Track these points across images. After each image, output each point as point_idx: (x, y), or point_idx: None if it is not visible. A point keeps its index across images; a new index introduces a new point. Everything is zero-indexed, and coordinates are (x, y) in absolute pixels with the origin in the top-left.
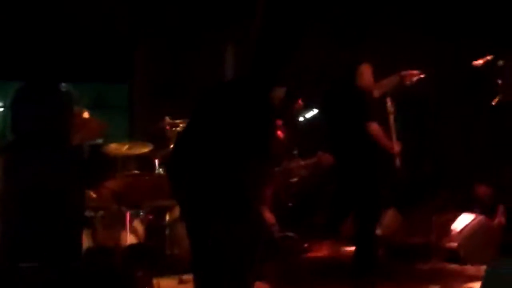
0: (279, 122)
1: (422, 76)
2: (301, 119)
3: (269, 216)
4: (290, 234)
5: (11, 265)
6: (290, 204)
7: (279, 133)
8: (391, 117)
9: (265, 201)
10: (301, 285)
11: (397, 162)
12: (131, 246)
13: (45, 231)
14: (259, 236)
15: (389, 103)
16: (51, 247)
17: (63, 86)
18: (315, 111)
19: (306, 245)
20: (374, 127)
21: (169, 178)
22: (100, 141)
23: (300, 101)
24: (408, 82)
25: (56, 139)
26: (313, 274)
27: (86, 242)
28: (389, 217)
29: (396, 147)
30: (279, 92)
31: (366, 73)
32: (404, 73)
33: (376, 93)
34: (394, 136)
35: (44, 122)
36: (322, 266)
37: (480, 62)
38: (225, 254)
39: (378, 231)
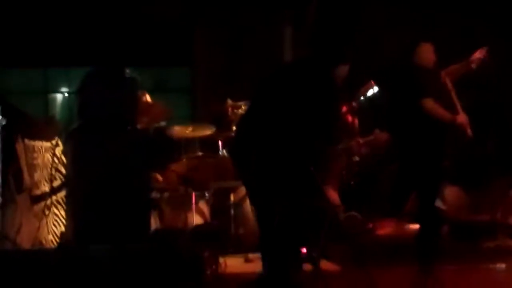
0: (350, 106)
1: (486, 55)
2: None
3: (334, 196)
4: (355, 214)
5: (81, 247)
6: (352, 183)
7: (349, 116)
8: (453, 93)
9: (331, 181)
10: (367, 264)
11: (468, 132)
12: (197, 226)
13: (113, 213)
14: (323, 216)
15: (448, 80)
16: (120, 229)
17: (128, 71)
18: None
19: (371, 225)
20: (428, 103)
21: (233, 160)
22: (164, 124)
23: (372, 82)
24: (474, 65)
25: (123, 123)
26: (378, 253)
27: (153, 223)
28: (454, 194)
29: (462, 118)
30: (343, 71)
31: (426, 51)
32: (472, 58)
33: (448, 81)
34: (459, 109)
35: (112, 107)
36: (386, 245)
37: None
38: (291, 233)
39: (441, 206)
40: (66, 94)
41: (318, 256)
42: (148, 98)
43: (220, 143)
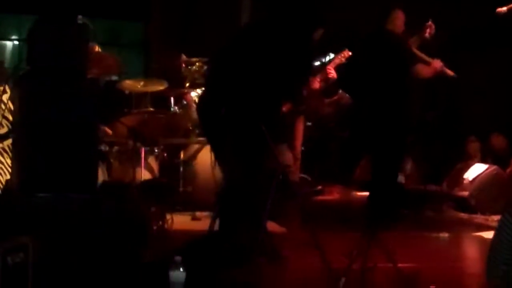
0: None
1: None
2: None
3: (288, 156)
4: (304, 176)
5: (26, 196)
6: (303, 148)
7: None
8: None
9: (287, 141)
10: (313, 226)
11: (449, 72)
12: (145, 181)
13: (60, 163)
14: (273, 176)
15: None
16: (66, 178)
17: (80, 19)
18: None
19: (319, 187)
20: (420, 69)
21: (200, 118)
22: (115, 77)
23: (347, 51)
24: (427, 35)
25: (72, 72)
26: (325, 217)
27: (101, 176)
28: (408, 165)
29: (438, 64)
30: (316, 34)
31: (398, 18)
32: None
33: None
34: (427, 58)
35: (61, 55)
36: (333, 210)
37: (503, 9)
38: (239, 191)
39: (401, 179)
40: (16, 42)
41: (265, 216)
42: (99, 49)
43: (172, 99)
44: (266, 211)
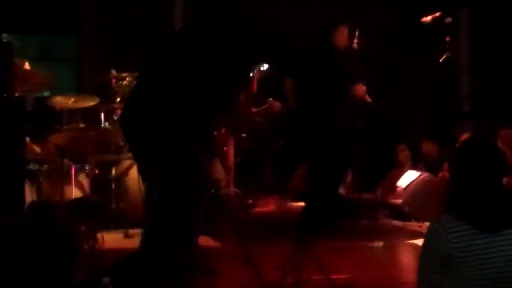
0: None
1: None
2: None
3: (220, 169)
4: (235, 189)
5: None
6: (238, 159)
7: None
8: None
9: (219, 153)
10: (247, 239)
11: (367, 99)
12: (75, 200)
13: None
14: (203, 190)
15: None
16: None
17: (3, 36)
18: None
19: (250, 201)
20: (360, 89)
21: (123, 131)
22: (47, 93)
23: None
24: (355, 45)
25: None
26: (259, 229)
27: (30, 196)
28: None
29: (361, 88)
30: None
31: (342, 34)
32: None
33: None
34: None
35: None
36: (268, 221)
37: (428, 19)
38: (169, 207)
39: (341, 190)
40: None
41: (196, 231)
42: (27, 66)
43: (102, 115)
44: (196, 226)
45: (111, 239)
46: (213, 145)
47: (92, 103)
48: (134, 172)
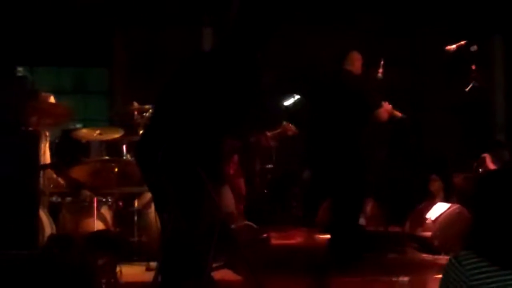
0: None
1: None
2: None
3: (230, 199)
4: (249, 223)
5: None
6: (265, 191)
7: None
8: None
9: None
10: (264, 274)
11: (398, 114)
12: (96, 233)
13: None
14: (213, 224)
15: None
16: (4, 234)
17: (20, 71)
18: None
19: (265, 234)
20: (381, 114)
21: (137, 163)
22: (79, 125)
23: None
24: (380, 75)
25: (10, 124)
26: (280, 263)
27: (49, 229)
28: (368, 206)
29: (388, 107)
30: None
31: (356, 59)
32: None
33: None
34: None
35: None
36: (293, 254)
37: (453, 47)
38: (180, 241)
39: (362, 221)
40: None
41: (210, 266)
42: (52, 99)
43: (124, 147)
44: (208, 261)
45: (133, 272)
46: (221, 172)
47: (116, 136)
48: None
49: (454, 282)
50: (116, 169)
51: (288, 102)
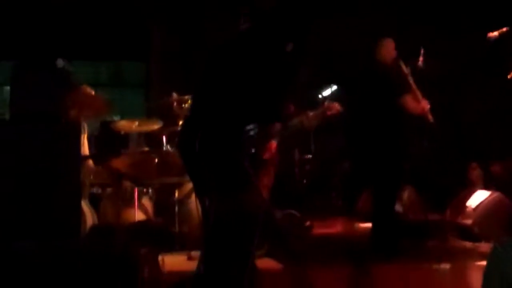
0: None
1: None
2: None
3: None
4: (292, 212)
5: (5, 244)
6: (304, 181)
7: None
8: (410, 79)
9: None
10: (306, 263)
11: (430, 118)
12: (137, 223)
13: (39, 209)
14: (258, 212)
15: (403, 66)
16: (46, 225)
17: (60, 63)
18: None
19: (308, 223)
20: (408, 100)
21: (179, 152)
22: (116, 118)
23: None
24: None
25: (51, 116)
26: (322, 251)
27: (91, 219)
28: (407, 194)
29: (425, 105)
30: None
31: (387, 47)
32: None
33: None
34: (419, 96)
35: (38, 101)
36: (334, 243)
37: (495, 34)
38: (224, 230)
39: (399, 208)
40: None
41: (253, 255)
42: (90, 90)
43: (164, 138)
44: (252, 249)
45: (175, 261)
46: (259, 155)
47: (155, 127)
48: None
49: (499, 269)
50: (156, 160)
51: (325, 93)
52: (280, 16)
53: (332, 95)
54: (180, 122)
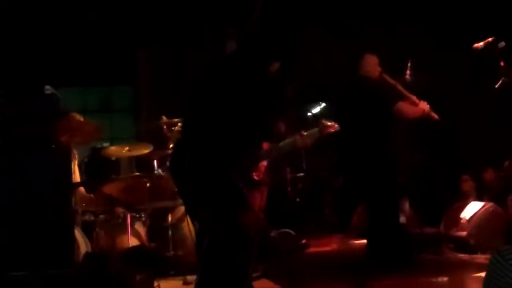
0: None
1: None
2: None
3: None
4: (287, 230)
5: (1, 274)
6: (297, 200)
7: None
8: (400, 87)
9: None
10: (303, 281)
11: (434, 116)
12: (131, 249)
13: (32, 238)
14: (254, 231)
15: (389, 78)
16: (40, 254)
17: (48, 89)
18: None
19: (304, 241)
20: (403, 106)
21: (171, 174)
22: (106, 144)
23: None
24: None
25: (42, 143)
26: (317, 270)
27: (85, 247)
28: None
29: (425, 106)
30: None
31: (370, 63)
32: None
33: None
34: (415, 99)
35: (28, 129)
36: (328, 261)
37: (480, 44)
38: (219, 252)
39: (402, 219)
40: None
41: (250, 277)
42: (79, 117)
43: (155, 162)
44: (249, 271)
45: (170, 286)
46: (250, 176)
47: (145, 151)
48: None
49: (499, 277)
50: (148, 184)
51: (314, 110)
52: (266, 37)
53: (321, 112)
54: (171, 145)
